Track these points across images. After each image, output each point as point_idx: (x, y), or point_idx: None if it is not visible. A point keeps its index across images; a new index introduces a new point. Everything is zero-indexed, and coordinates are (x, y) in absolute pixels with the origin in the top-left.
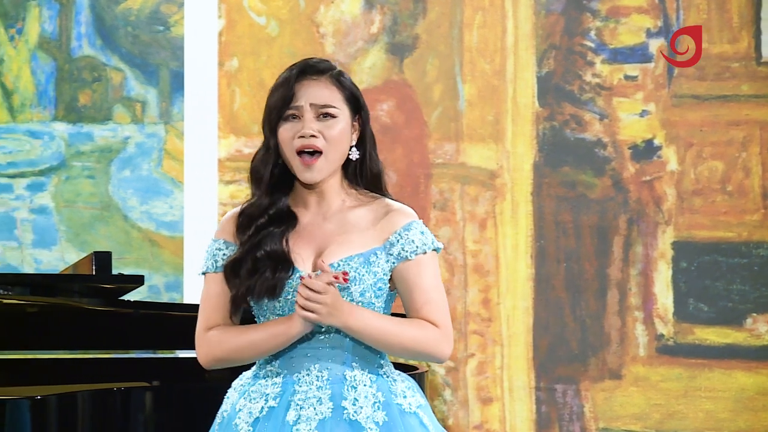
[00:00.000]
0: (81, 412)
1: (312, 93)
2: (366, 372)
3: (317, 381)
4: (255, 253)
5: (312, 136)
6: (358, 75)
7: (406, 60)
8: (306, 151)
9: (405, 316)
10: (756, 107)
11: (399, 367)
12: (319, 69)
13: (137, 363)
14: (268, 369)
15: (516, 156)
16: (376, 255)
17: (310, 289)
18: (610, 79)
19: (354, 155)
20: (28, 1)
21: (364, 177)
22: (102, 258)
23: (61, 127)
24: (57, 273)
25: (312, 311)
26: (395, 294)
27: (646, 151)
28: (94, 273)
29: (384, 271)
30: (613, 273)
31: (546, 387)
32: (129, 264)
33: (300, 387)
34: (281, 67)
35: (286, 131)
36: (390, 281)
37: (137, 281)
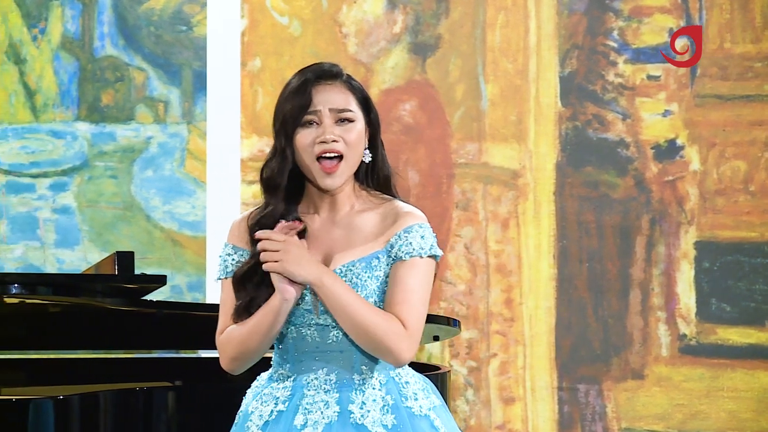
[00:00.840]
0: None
1: (329, 98)
2: (375, 375)
3: (325, 385)
4: (260, 268)
5: (333, 141)
6: (380, 75)
7: (428, 60)
8: (326, 156)
9: None
10: None
11: (423, 367)
12: (333, 73)
13: (159, 363)
14: (280, 372)
15: (538, 156)
16: (378, 259)
17: (266, 239)
18: (632, 79)
19: (367, 158)
20: (50, 1)
21: (375, 179)
22: (124, 258)
23: (84, 127)
24: (79, 273)
25: (272, 259)
26: None
27: (668, 151)
28: (116, 273)
29: (386, 274)
30: (636, 273)
31: (568, 387)
32: (151, 264)
33: (308, 391)
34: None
35: (304, 137)
36: None
37: (160, 281)
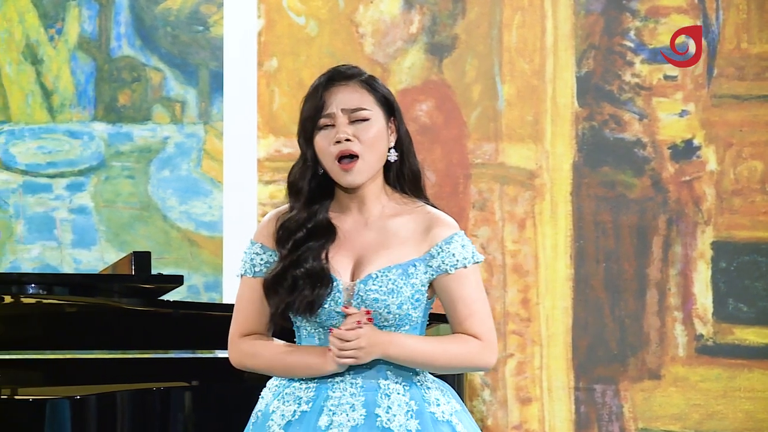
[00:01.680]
0: (120, 411)
1: (342, 98)
2: (400, 380)
3: (351, 387)
4: (294, 271)
5: (347, 140)
6: (397, 75)
7: (445, 60)
8: (344, 156)
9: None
10: None
11: None
12: (347, 75)
13: (176, 363)
14: None
15: (555, 156)
16: (414, 266)
17: (342, 340)
18: (649, 79)
19: (392, 157)
20: (67, 2)
21: (404, 178)
22: (141, 258)
23: (101, 127)
24: (96, 273)
25: (350, 358)
26: (432, 301)
27: (685, 151)
28: (133, 273)
29: (422, 283)
30: (653, 273)
31: (585, 387)
32: (168, 264)
33: (333, 392)
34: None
35: (321, 140)
36: (429, 290)
37: (176, 281)
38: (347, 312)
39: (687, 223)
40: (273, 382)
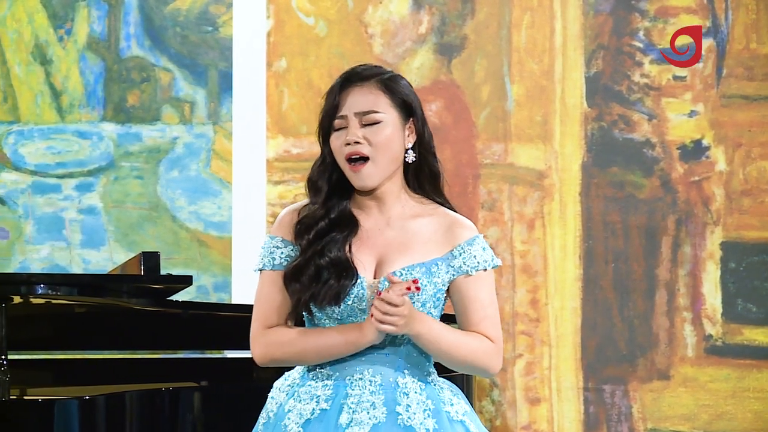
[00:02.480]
0: (129, 412)
1: (355, 101)
2: (416, 379)
3: (370, 386)
4: (318, 260)
5: (356, 142)
6: (406, 75)
7: (454, 60)
8: (354, 158)
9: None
10: None
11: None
12: (364, 75)
13: (185, 363)
14: (318, 371)
15: (564, 156)
16: (437, 265)
17: (388, 303)
18: (658, 80)
19: (410, 158)
20: (77, 2)
21: (423, 179)
22: (150, 258)
23: (110, 128)
24: (105, 273)
25: (390, 324)
26: (445, 302)
27: (694, 152)
28: (142, 273)
29: (443, 282)
30: (662, 273)
31: (594, 387)
32: (177, 264)
33: (353, 390)
34: (330, 68)
35: (335, 140)
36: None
37: (185, 281)
38: (393, 280)
39: (696, 224)
40: (284, 382)
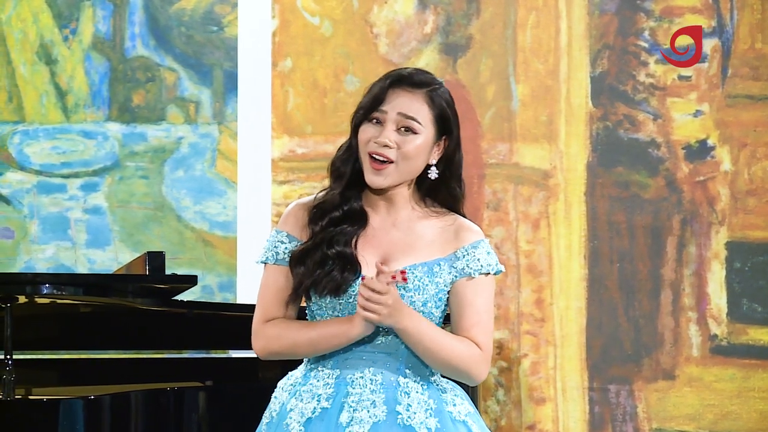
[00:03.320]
0: (134, 411)
1: (401, 103)
2: (418, 379)
3: (371, 384)
4: (326, 249)
5: (386, 146)
6: None
7: (459, 60)
8: (378, 157)
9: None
10: None
11: None
12: (416, 82)
13: (190, 363)
14: (320, 369)
15: (569, 156)
16: (439, 265)
17: (371, 290)
18: (663, 79)
19: (432, 175)
20: (82, 2)
21: (438, 197)
22: (155, 258)
23: (115, 128)
24: (110, 273)
25: (373, 312)
26: (447, 304)
27: (699, 152)
28: (147, 273)
29: (445, 283)
30: (667, 273)
31: (599, 387)
32: (182, 264)
33: (353, 389)
34: (335, 68)
35: (365, 132)
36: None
37: (190, 281)
38: (382, 270)
39: (701, 224)
40: (287, 381)
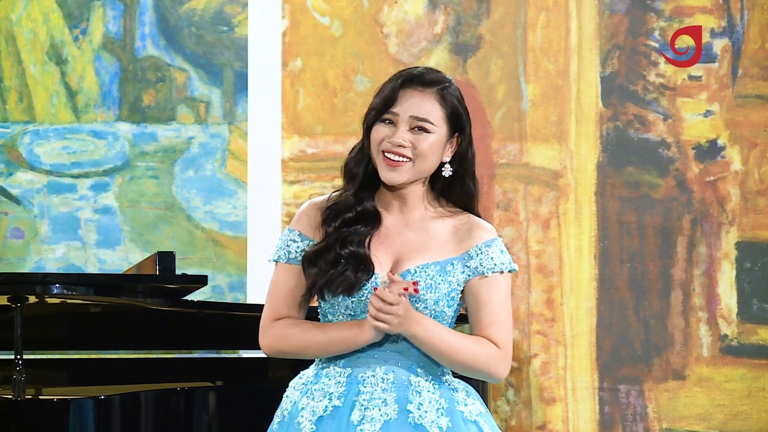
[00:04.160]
0: (144, 411)
1: (413, 104)
2: (429, 378)
3: (382, 383)
4: (339, 249)
5: (400, 145)
6: None
7: (469, 60)
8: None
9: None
10: None
11: None
12: (426, 81)
13: (201, 363)
14: (331, 368)
15: (580, 156)
16: (452, 265)
17: (382, 301)
18: (674, 79)
19: (446, 172)
20: (92, 2)
21: (453, 196)
22: (165, 258)
23: (125, 128)
24: (120, 273)
25: (384, 322)
26: (462, 303)
27: (709, 152)
28: (157, 273)
29: (458, 282)
30: (677, 273)
31: (609, 387)
32: (192, 264)
33: (365, 387)
34: (345, 68)
35: (377, 133)
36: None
37: (201, 281)
38: (393, 279)
39: (711, 224)
40: (299, 380)
